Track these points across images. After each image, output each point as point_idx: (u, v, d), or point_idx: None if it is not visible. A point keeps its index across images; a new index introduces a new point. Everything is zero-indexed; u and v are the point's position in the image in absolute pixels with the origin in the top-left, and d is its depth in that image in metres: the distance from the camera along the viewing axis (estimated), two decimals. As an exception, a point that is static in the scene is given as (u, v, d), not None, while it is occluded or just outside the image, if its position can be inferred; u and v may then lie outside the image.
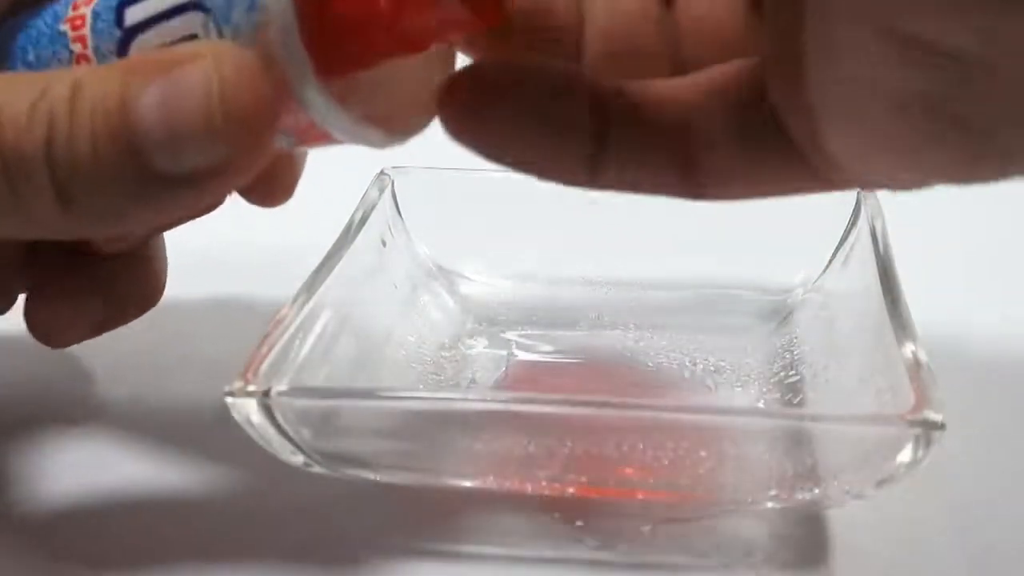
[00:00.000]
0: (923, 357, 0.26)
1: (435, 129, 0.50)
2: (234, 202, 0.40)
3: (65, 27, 0.24)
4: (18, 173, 0.21)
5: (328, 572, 0.26)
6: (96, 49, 0.23)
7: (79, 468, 0.29)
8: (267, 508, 0.28)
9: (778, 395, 0.31)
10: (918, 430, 0.23)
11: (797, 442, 0.26)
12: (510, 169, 0.24)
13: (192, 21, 0.22)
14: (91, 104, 0.21)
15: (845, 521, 0.27)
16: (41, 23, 0.25)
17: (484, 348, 0.34)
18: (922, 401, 0.24)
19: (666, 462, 0.27)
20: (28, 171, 0.21)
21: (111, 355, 0.34)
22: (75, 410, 0.32)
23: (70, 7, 0.24)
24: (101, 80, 0.21)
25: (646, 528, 0.27)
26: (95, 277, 0.31)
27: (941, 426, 0.23)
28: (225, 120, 0.20)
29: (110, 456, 0.30)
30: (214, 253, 0.40)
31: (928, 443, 0.24)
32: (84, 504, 0.28)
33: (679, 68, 0.25)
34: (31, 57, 0.25)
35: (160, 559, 0.27)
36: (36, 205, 0.21)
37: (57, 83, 0.21)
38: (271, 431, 0.26)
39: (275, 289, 0.35)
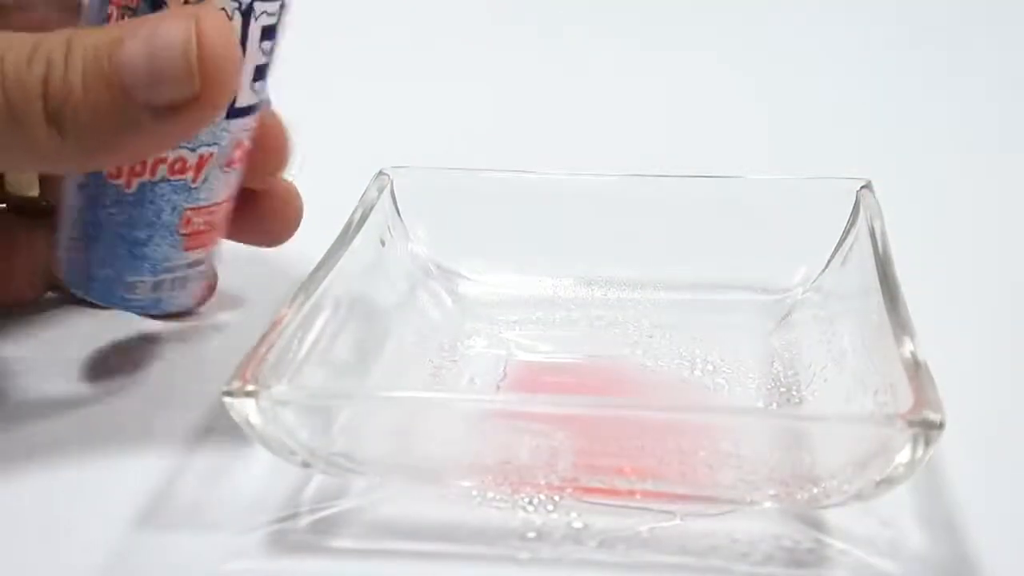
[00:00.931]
0: (922, 357, 0.26)
1: (434, 128, 0.51)
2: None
3: None
4: (18, 104, 0.25)
5: (327, 572, 0.26)
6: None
7: (78, 466, 0.29)
8: (266, 507, 0.28)
9: (777, 395, 0.31)
10: (917, 430, 0.23)
11: (796, 442, 0.26)
12: None
13: None
14: (83, 48, 0.26)
15: (844, 521, 0.27)
16: None
17: (483, 348, 0.34)
18: (921, 401, 0.24)
19: (665, 462, 0.27)
20: (27, 103, 0.25)
21: (111, 355, 0.35)
22: (75, 408, 0.32)
23: None
24: (92, 32, 0.26)
25: (645, 528, 0.27)
26: None
27: (940, 426, 0.23)
28: (199, 60, 0.25)
29: (110, 455, 0.30)
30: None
31: (927, 443, 0.24)
32: (76, 497, 0.28)
33: None
34: None
35: (155, 556, 0.27)
36: (35, 133, 0.25)
37: (52, 36, 0.26)
38: (269, 431, 0.26)
39: (274, 289, 0.35)
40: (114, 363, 0.34)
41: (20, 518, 0.28)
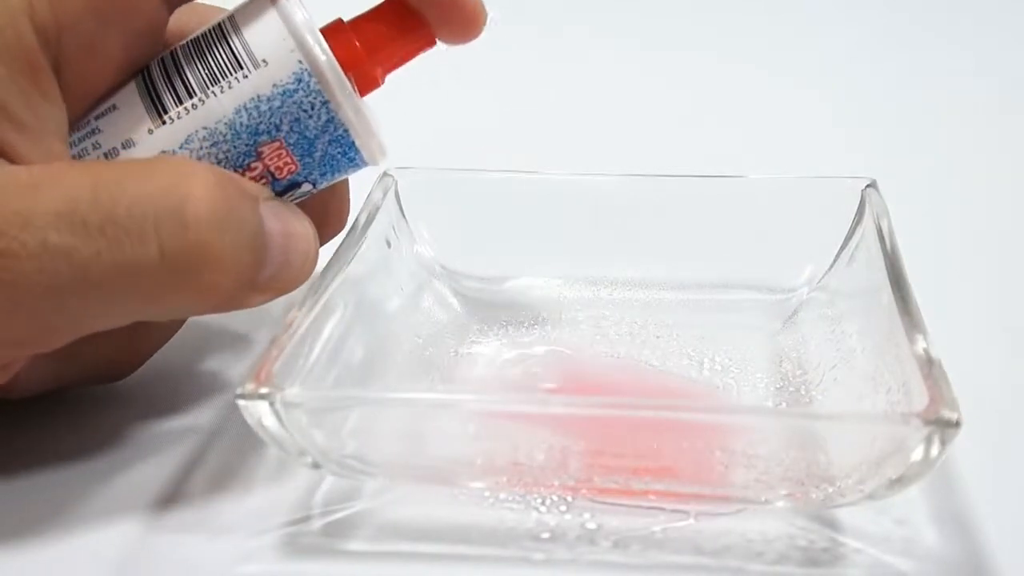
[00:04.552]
0: (935, 355, 0.25)
1: (438, 130, 0.51)
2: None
3: None
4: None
5: (340, 574, 0.26)
6: None
7: (90, 468, 0.29)
8: (278, 509, 0.28)
9: (787, 394, 0.31)
10: (933, 428, 0.23)
11: (811, 441, 0.26)
12: None
13: None
14: None
15: (858, 520, 0.27)
16: None
17: (489, 348, 0.34)
18: (937, 399, 0.24)
19: (678, 462, 0.27)
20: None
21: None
22: (86, 410, 0.32)
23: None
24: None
25: (659, 528, 0.27)
26: None
27: (957, 424, 0.23)
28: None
29: (122, 457, 0.30)
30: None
31: (943, 442, 0.24)
32: (88, 500, 0.28)
33: None
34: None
35: (167, 559, 0.27)
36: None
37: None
38: (282, 433, 0.26)
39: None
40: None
41: (31, 521, 0.28)
